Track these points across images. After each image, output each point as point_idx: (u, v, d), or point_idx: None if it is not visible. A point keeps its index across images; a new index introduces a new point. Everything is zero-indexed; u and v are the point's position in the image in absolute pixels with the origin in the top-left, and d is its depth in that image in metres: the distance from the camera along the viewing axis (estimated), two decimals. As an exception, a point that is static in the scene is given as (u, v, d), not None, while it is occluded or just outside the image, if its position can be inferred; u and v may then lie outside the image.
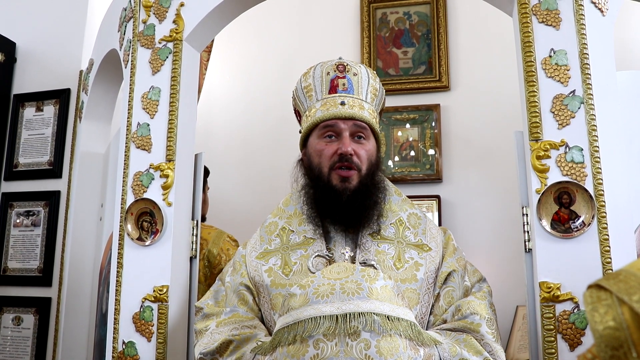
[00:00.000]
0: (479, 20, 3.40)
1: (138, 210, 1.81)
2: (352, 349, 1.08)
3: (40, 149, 2.82)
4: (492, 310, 1.36)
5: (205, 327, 1.38)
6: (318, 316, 1.10)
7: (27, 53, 2.96)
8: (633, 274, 0.57)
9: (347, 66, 1.51)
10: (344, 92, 1.48)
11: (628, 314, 0.54)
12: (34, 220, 2.75)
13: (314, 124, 1.47)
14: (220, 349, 1.29)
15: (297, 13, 3.69)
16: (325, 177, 1.42)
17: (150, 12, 1.97)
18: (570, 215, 1.50)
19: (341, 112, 1.43)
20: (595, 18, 1.60)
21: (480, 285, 1.43)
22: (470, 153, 3.26)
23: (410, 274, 1.35)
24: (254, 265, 1.42)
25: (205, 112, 3.51)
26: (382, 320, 1.10)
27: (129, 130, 1.91)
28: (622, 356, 0.53)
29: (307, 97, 1.54)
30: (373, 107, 1.51)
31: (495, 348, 1.28)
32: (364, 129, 1.45)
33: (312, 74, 1.55)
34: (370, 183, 1.44)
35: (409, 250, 1.40)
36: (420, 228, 1.46)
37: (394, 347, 1.09)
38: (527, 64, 1.60)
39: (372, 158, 1.46)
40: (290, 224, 1.47)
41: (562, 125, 1.55)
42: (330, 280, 1.16)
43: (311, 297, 1.14)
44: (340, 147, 1.40)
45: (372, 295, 1.13)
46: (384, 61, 3.51)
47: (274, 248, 1.44)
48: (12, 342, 2.65)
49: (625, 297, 0.55)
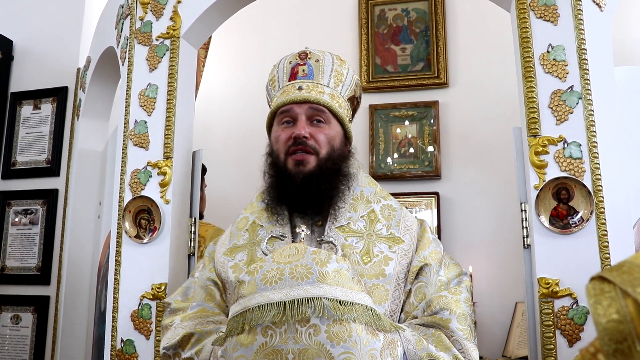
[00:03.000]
0: (477, 17, 3.40)
1: (136, 208, 1.80)
2: (301, 335, 1.04)
3: (38, 147, 2.82)
4: (467, 305, 1.27)
5: (171, 322, 1.34)
6: (265, 304, 1.06)
7: (25, 51, 2.95)
8: (637, 265, 0.56)
9: (309, 54, 1.48)
10: (303, 78, 1.44)
11: (632, 306, 0.53)
12: (32, 218, 2.75)
13: (273, 112, 1.44)
14: (182, 343, 1.25)
15: (295, 10, 3.68)
16: (282, 162, 1.38)
17: (148, 9, 1.96)
18: (569, 211, 1.50)
19: (296, 97, 1.39)
20: (593, 13, 1.59)
21: (459, 279, 1.33)
22: (469, 149, 3.25)
23: (378, 269, 1.28)
24: (221, 261, 1.38)
25: (203, 110, 3.50)
26: (333, 305, 1.06)
27: (126, 127, 1.90)
28: (626, 349, 0.52)
29: (272, 88, 1.51)
30: (337, 92, 1.45)
31: (467, 345, 1.20)
32: (322, 112, 1.39)
33: (277, 65, 1.52)
34: (331, 168, 1.37)
35: (379, 244, 1.33)
36: (394, 220, 1.39)
37: (346, 332, 1.05)
38: (525, 60, 1.60)
39: (334, 143, 1.39)
40: (260, 219, 1.42)
41: (560, 120, 1.55)
42: (280, 265, 1.11)
43: (259, 283, 1.10)
44: (294, 131, 1.36)
45: (323, 280, 1.09)
46: (383, 58, 3.51)
47: (242, 244, 1.39)
48: (10, 340, 2.64)
49: (629, 289, 0.54)
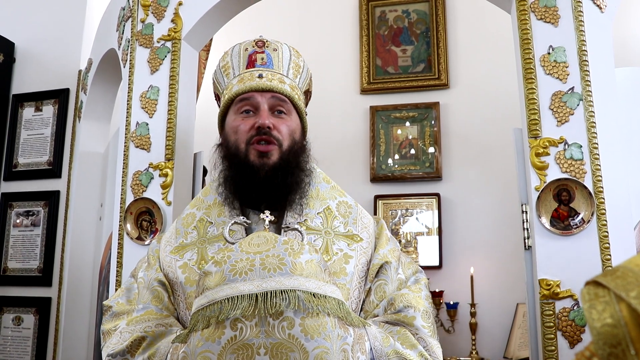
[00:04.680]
0: (477, 18, 3.40)
1: (137, 210, 1.80)
2: (274, 328, 0.98)
3: (39, 149, 2.82)
4: (428, 302, 1.25)
5: (115, 327, 1.23)
6: (235, 296, 1.00)
7: (26, 53, 2.96)
8: (631, 270, 0.57)
9: (266, 42, 1.42)
10: (263, 67, 1.37)
11: (626, 310, 0.54)
12: (34, 220, 2.75)
13: (230, 99, 1.37)
14: (131, 348, 1.16)
15: (296, 12, 3.69)
16: (242, 153, 1.30)
17: (149, 12, 1.97)
18: (570, 213, 1.50)
19: (258, 84, 1.33)
20: (593, 15, 1.60)
21: (417, 277, 1.30)
22: (470, 150, 3.26)
23: (339, 267, 1.23)
24: (168, 260, 1.29)
25: (204, 111, 3.51)
26: (307, 297, 1.01)
27: (128, 129, 1.91)
28: (620, 353, 0.53)
29: (224, 75, 1.44)
30: (295, 84, 1.40)
31: (431, 343, 1.18)
32: (284, 103, 1.34)
33: (230, 52, 1.45)
34: (293, 160, 1.31)
35: (337, 242, 1.28)
36: (351, 217, 1.35)
37: (321, 326, 1.00)
38: (525, 61, 1.60)
39: (295, 135, 1.35)
40: (208, 215, 1.34)
41: (561, 122, 1.55)
42: (249, 255, 1.05)
43: (228, 274, 1.03)
44: (257, 121, 1.29)
45: (296, 271, 1.03)
46: (383, 59, 3.51)
47: (190, 242, 1.30)
48: (12, 342, 2.65)
49: (623, 294, 0.54)
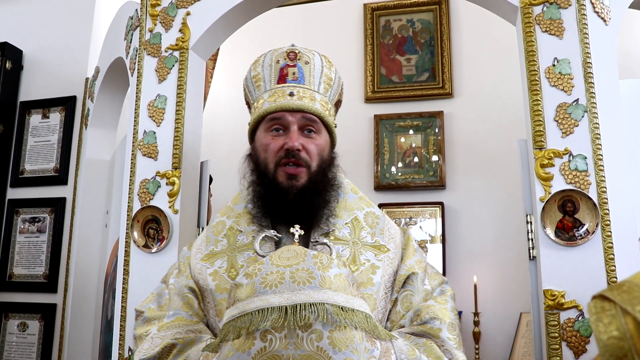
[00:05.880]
0: (482, 28, 3.42)
1: (144, 218, 1.82)
2: (302, 340, 1.00)
3: (46, 156, 2.84)
4: (454, 314, 1.26)
5: (146, 332, 1.26)
6: (265, 307, 1.02)
7: (34, 60, 2.99)
8: (636, 285, 0.58)
9: (298, 53, 1.40)
10: (294, 82, 1.36)
11: (632, 324, 0.55)
12: (40, 226, 2.77)
13: (261, 116, 1.35)
14: (162, 354, 1.18)
15: (301, 21, 3.71)
16: (270, 173, 1.31)
17: (157, 21, 1.99)
18: (575, 223, 1.51)
19: (289, 104, 1.32)
20: (598, 27, 1.61)
21: (442, 288, 1.31)
22: (474, 160, 3.27)
23: (366, 277, 1.24)
24: (198, 267, 1.32)
25: (210, 120, 3.53)
26: (336, 310, 1.02)
27: (135, 137, 1.93)
28: None
29: (255, 87, 1.43)
30: (327, 98, 1.39)
31: (457, 355, 1.19)
32: (314, 122, 1.33)
33: (261, 62, 1.43)
34: (320, 181, 1.32)
35: (365, 252, 1.30)
36: (378, 228, 1.35)
37: (348, 339, 1.01)
38: (530, 73, 1.61)
39: (324, 153, 1.35)
40: (238, 224, 1.36)
41: (565, 133, 1.56)
42: (279, 268, 1.07)
43: (258, 287, 1.05)
44: (287, 142, 1.29)
45: (325, 285, 1.05)
46: (388, 68, 3.53)
47: (220, 249, 1.32)
48: (17, 348, 2.66)
49: (629, 308, 0.56)
